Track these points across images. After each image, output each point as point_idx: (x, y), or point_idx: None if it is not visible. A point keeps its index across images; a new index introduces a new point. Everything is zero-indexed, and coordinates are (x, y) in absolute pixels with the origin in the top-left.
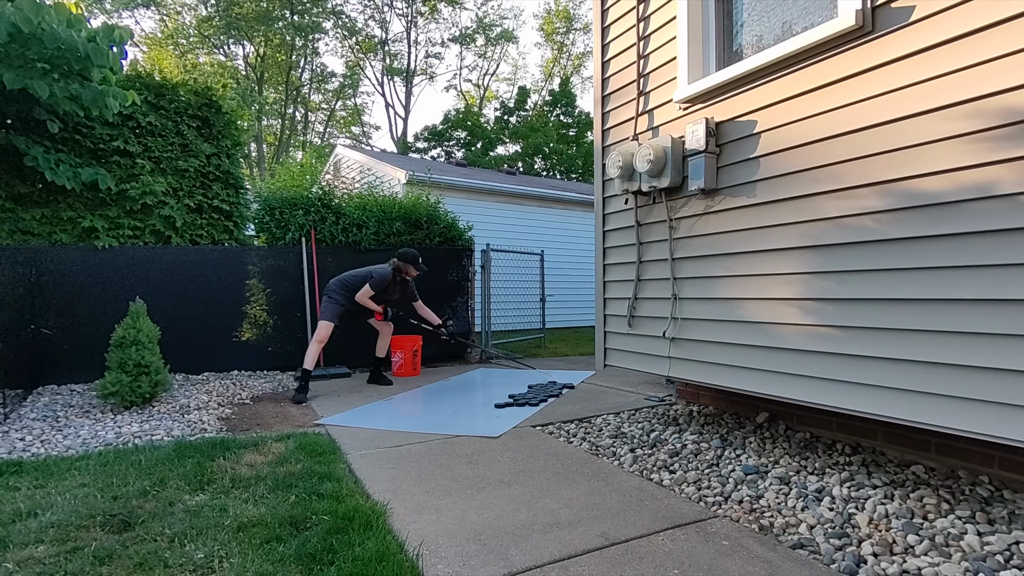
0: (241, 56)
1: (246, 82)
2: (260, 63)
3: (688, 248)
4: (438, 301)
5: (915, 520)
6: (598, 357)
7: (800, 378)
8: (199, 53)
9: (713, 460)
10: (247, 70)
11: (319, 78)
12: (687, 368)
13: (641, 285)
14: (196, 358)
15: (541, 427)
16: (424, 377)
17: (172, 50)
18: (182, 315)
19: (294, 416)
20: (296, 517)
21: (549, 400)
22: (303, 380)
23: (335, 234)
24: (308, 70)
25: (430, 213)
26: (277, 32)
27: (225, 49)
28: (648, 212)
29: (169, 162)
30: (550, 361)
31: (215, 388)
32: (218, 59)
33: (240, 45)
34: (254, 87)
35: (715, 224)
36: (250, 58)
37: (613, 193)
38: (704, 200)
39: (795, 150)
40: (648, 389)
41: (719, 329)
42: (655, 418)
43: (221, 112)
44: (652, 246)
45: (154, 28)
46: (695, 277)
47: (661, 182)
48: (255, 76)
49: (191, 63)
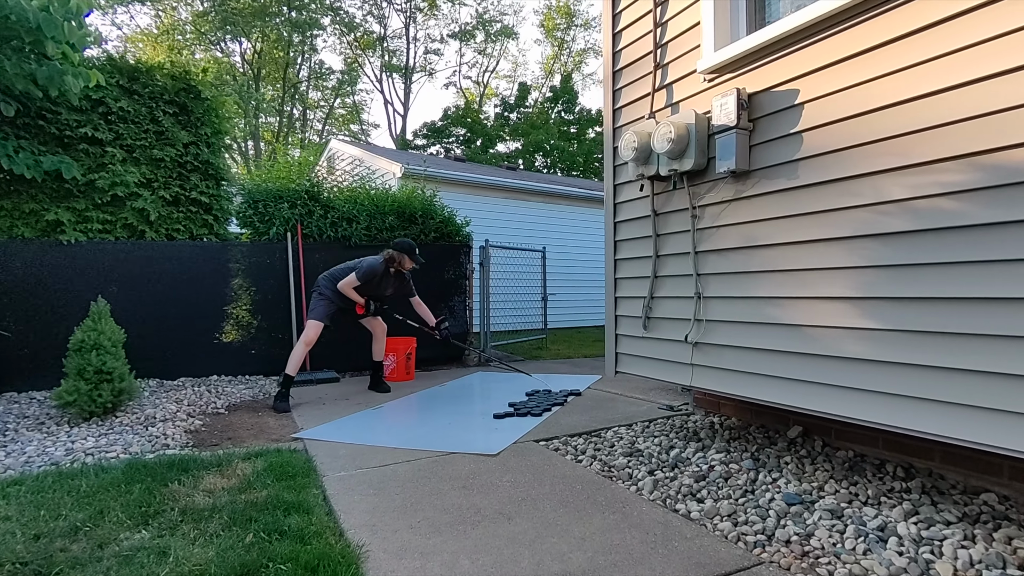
0: (238, 53)
1: (243, 78)
2: (257, 59)
3: (714, 240)
4: (434, 300)
5: (1011, 572)
6: (608, 363)
7: (852, 392)
8: (195, 50)
9: (746, 485)
10: (244, 67)
11: (317, 75)
12: (713, 377)
13: (658, 282)
14: (172, 362)
15: (545, 442)
16: (419, 381)
17: (167, 48)
18: (156, 316)
19: (271, 428)
20: (248, 566)
21: (553, 409)
22: (284, 387)
23: (323, 229)
24: (306, 68)
25: (425, 207)
26: (274, 28)
27: (222, 46)
28: (667, 200)
29: (143, 151)
30: (552, 364)
31: (188, 396)
32: (214, 55)
33: (237, 42)
34: (251, 83)
35: (747, 211)
36: (247, 55)
37: (626, 179)
38: (734, 184)
39: (848, 122)
40: (661, 396)
41: (751, 333)
42: (673, 431)
43: (200, 98)
44: (671, 238)
45: (150, 24)
46: (723, 273)
47: (683, 164)
48: (252, 73)
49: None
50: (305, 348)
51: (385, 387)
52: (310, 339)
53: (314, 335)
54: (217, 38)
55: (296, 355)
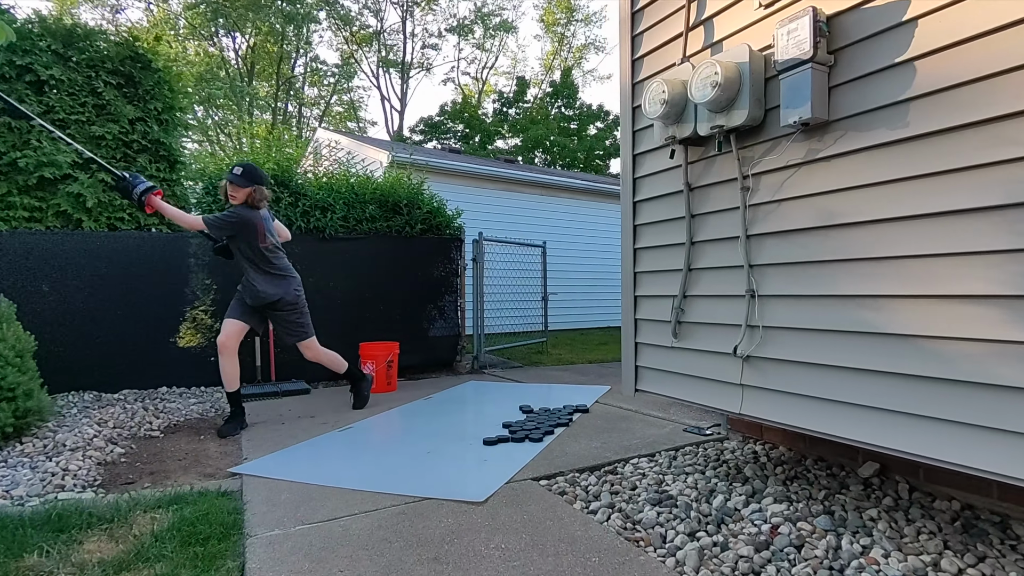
0: (231, 48)
1: (234, 71)
2: (251, 54)
3: (775, 219)
4: (421, 300)
5: None
6: (626, 378)
7: (1009, 439)
8: (187, 45)
9: (828, 557)
10: (237, 62)
11: (313, 71)
12: (773, 404)
13: (694, 277)
14: (115, 372)
15: (547, 481)
16: (402, 392)
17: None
18: (96, 319)
19: (209, 457)
20: None
21: (556, 431)
22: (233, 405)
23: (292, 218)
24: (301, 65)
25: (411, 196)
26: (266, 20)
27: (215, 40)
28: (706, 169)
29: (80, 127)
30: (554, 371)
31: (118, 415)
32: (205, 48)
33: (231, 37)
34: (244, 78)
35: (825, 178)
36: (240, 49)
37: (650, 147)
38: (805, 142)
39: (1003, 35)
40: (684, 414)
41: (833, 344)
42: (708, 465)
43: (150, 68)
44: (712, 219)
45: (141, 18)
46: (787, 263)
47: (731, 118)
48: (245, 67)
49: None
50: (225, 359)
51: (363, 398)
52: (223, 344)
53: (225, 339)
54: (209, 32)
55: (223, 367)
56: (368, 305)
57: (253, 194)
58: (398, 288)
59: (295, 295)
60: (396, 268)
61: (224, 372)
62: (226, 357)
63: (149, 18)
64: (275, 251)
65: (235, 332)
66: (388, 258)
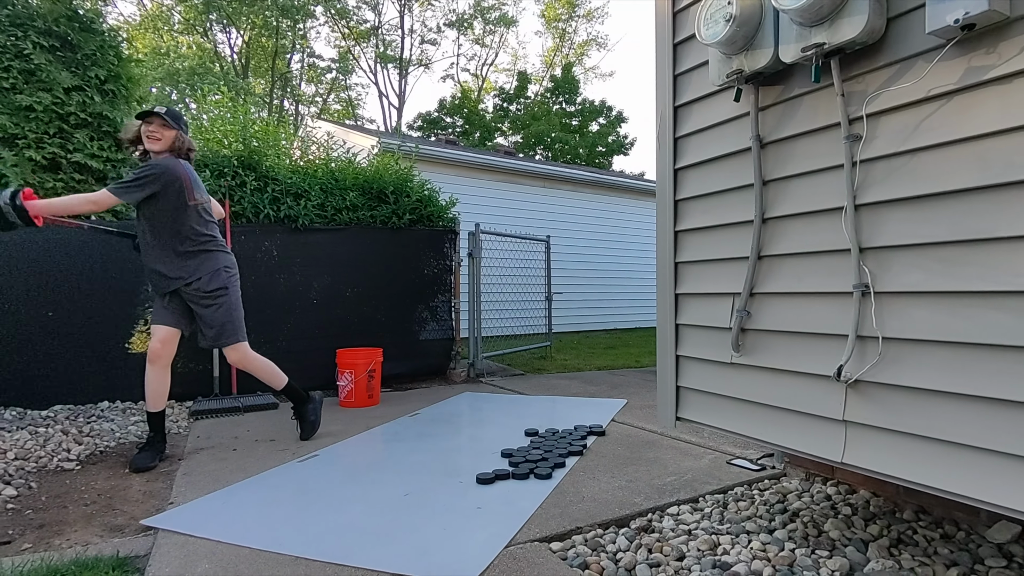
0: (227, 43)
1: (228, 65)
2: (245, 49)
3: (907, 178)
4: (410, 300)
5: None
6: (662, 404)
7: None
8: (181, 42)
9: None
10: (232, 57)
11: (310, 68)
12: (903, 454)
13: (767, 267)
14: (46, 384)
15: (560, 544)
16: (385, 407)
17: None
18: (23, 322)
19: (127, 500)
20: None
21: (568, 462)
22: (153, 430)
23: (261, 206)
24: (297, 61)
25: (399, 183)
26: (260, 13)
27: (210, 35)
28: (786, 115)
29: (2, 95)
30: (559, 379)
31: (26, 440)
32: (198, 41)
33: (226, 33)
34: (238, 74)
35: (1002, 110)
36: (236, 45)
37: (698, 95)
38: (965, 57)
39: None
40: (721, 437)
41: (1013, 368)
42: (772, 517)
43: (92, 30)
44: (798, 184)
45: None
46: (929, 243)
47: (838, 31)
48: (240, 62)
49: None
50: (153, 370)
51: (310, 424)
52: (152, 352)
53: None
54: (204, 27)
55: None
56: (348, 305)
57: (181, 138)
58: (384, 286)
59: (225, 278)
60: (381, 263)
61: (151, 387)
62: (158, 368)
63: (142, 12)
64: (207, 213)
65: (171, 337)
66: (372, 252)
